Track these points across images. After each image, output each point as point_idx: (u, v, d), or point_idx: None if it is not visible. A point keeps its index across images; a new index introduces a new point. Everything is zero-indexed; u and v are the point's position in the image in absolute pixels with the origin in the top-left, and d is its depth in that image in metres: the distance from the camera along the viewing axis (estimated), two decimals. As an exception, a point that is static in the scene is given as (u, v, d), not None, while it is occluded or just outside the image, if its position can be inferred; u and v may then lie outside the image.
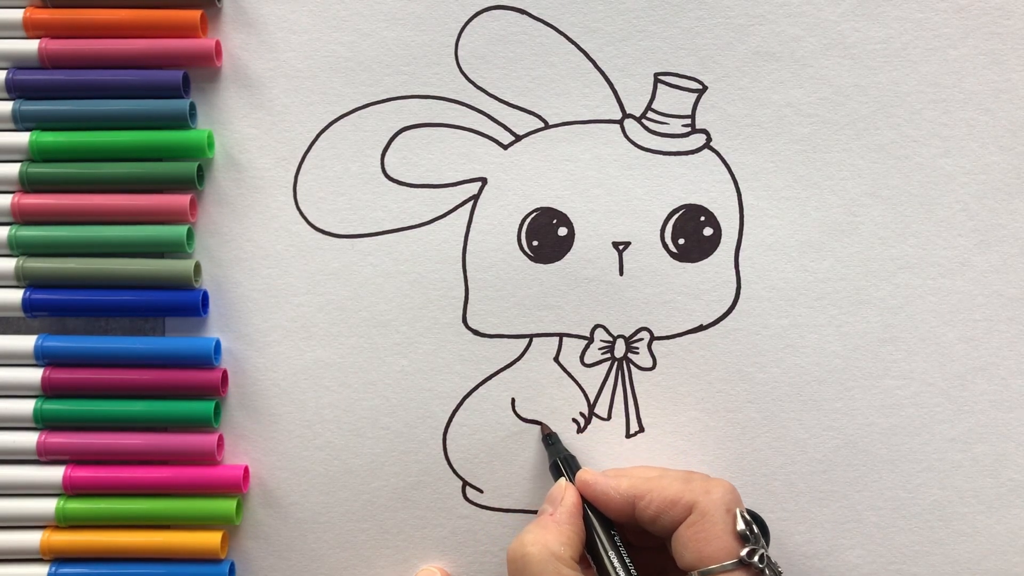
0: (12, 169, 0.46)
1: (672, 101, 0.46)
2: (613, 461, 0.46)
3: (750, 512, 0.40)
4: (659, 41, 0.46)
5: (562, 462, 0.44)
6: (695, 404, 0.46)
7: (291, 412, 0.46)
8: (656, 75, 0.46)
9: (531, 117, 0.46)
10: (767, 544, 0.40)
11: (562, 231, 0.46)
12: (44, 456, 0.45)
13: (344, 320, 0.46)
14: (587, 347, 0.46)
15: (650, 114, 0.46)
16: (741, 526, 0.38)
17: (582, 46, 0.46)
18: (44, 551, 0.45)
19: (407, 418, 0.46)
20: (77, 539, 0.45)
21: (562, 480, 0.43)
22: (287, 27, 0.46)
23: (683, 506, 0.39)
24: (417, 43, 0.46)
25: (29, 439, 0.45)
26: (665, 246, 0.46)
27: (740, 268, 0.46)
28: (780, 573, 0.39)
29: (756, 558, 0.37)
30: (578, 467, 0.44)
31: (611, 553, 0.40)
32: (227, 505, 0.46)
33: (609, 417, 0.46)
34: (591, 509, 0.42)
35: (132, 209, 0.46)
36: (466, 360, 0.46)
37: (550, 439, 0.45)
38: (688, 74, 0.46)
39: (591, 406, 0.46)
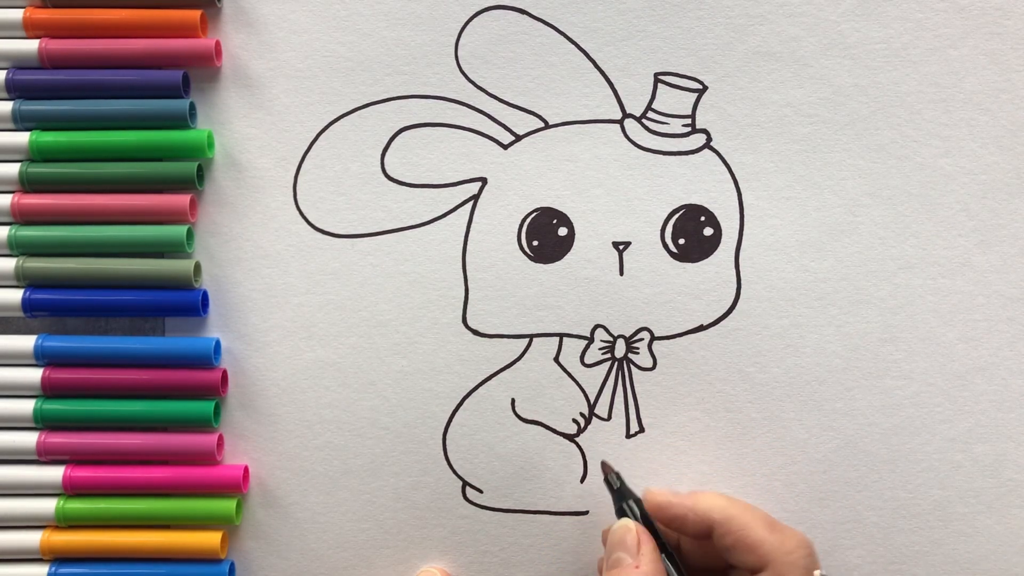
0: (12, 169, 0.46)
1: (672, 101, 0.46)
2: (613, 461, 0.46)
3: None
4: (659, 41, 0.46)
5: (631, 506, 0.41)
6: (695, 404, 0.46)
7: (291, 412, 0.46)
8: (656, 75, 0.46)
9: (531, 117, 0.46)
10: None
11: (562, 231, 0.46)
12: (44, 456, 0.45)
13: (344, 320, 0.46)
14: (587, 347, 0.46)
15: (650, 114, 0.46)
16: None
17: (582, 46, 0.46)
18: (44, 551, 0.45)
19: (407, 418, 0.46)
20: (77, 539, 0.45)
21: (629, 522, 0.40)
22: (287, 27, 0.46)
23: (760, 557, 0.38)
24: (417, 43, 0.46)
25: (29, 439, 0.45)
26: (665, 246, 0.46)
27: (740, 268, 0.46)
28: None
29: None
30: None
31: None
32: (227, 505, 0.46)
33: (609, 417, 0.46)
34: (667, 554, 0.40)
35: (132, 209, 0.46)
36: (466, 360, 0.46)
37: (616, 480, 0.43)
38: (688, 74, 0.46)
39: (591, 406, 0.46)
